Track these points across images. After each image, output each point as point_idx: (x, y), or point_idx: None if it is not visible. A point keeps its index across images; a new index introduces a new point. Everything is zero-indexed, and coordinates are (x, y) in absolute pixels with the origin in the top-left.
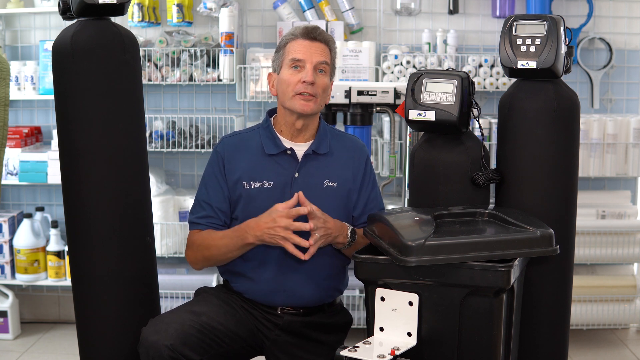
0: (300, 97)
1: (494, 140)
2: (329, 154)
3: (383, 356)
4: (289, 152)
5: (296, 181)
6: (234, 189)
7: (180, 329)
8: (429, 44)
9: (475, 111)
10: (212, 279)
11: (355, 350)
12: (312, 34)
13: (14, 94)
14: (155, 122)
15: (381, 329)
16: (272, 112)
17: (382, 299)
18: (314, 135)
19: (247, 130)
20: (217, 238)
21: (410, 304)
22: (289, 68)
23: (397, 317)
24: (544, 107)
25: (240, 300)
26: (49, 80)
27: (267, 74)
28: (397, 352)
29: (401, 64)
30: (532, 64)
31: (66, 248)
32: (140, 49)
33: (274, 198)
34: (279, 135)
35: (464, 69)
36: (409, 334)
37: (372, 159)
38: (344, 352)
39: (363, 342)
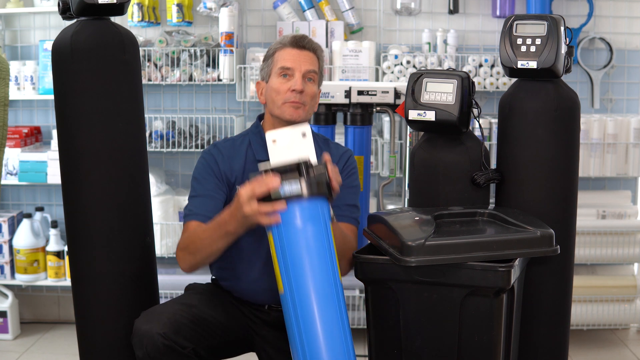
0: (290, 105)
1: (494, 140)
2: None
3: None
4: None
5: None
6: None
7: (172, 318)
8: (429, 43)
9: (475, 111)
10: (209, 279)
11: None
12: (300, 43)
13: (14, 94)
14: (155, 122)
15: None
16: (262, 116)
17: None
18: None
19: (237, 137)
20: (201, 231)
21: (304, 135)
22: (278, 76)
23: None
24: (544, 107)
25: (229, 296)
26: (48, 80)
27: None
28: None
29: (401, 64)
30: (532, 64)
31: (66, 248)
32: (140, 48)
33: None
34: None
35: (464, 69)
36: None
37: (372, 159)
38: (262, 165)
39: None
